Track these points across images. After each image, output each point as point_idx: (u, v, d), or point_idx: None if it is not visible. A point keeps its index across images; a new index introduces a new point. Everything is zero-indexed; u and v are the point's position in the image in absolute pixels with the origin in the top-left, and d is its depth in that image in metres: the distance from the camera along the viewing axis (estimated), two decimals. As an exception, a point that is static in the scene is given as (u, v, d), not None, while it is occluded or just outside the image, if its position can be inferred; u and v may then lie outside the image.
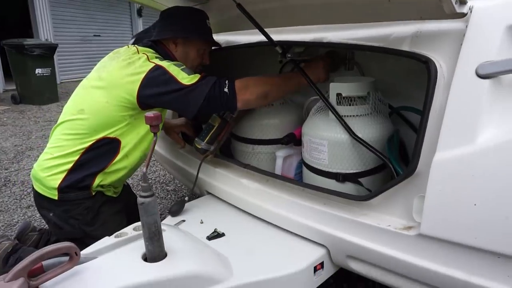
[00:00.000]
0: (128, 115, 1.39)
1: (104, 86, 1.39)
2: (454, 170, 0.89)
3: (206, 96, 1.30)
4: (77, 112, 1.41)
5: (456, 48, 0.94)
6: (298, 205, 1.25)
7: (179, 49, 1.52)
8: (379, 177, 1.29)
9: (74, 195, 1.41)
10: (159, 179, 2.91)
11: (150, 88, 1.33)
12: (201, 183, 1.62)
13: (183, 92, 1.32)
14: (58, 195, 1.40)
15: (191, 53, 1.53)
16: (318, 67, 1.47)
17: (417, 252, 0.99)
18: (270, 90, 1.38)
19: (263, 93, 1.36)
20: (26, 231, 1.67)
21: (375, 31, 1.15)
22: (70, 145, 1.40)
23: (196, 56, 1.55)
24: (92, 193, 1.44)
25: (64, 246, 0.89)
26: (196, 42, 1.52)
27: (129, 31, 11.10)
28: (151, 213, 0.94)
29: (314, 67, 1.46)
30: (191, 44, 1.52)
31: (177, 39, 1.50)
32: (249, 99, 1.34)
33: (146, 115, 0.97)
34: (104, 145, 1.40)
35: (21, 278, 0.81)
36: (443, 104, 0.93)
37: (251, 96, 1.34)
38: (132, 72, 1.35)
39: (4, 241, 1.46)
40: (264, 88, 1.36)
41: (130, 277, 0.92)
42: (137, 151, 1.48)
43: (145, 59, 1.38)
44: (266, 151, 1.60)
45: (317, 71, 1.45)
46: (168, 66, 1.35)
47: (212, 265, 1.05)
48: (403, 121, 1.49)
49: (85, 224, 1.43)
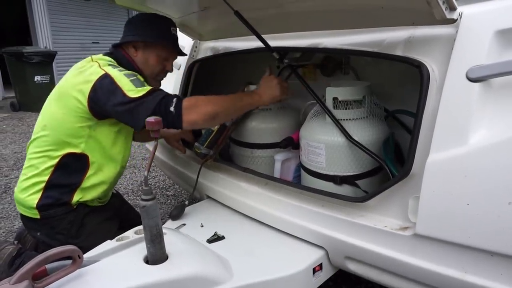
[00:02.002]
0: (87, 126, 1.37)
1: (58, 97, 1.40)
2: (447, 171, 0.92)
3: (151, 113, 1.25)
4: (40, 129, 1.41)
5: (447, 52, 0.97)
6: (297, 208, 1.27)
7: (139, 54, 1.47)
8: (376, 179, 1.32)
9: (53, 211, 1.40)
10: (159, 184, 2.92)
11: (98, 97, 1.31)
12: (201, 187, 1.64)
13: (127, 106, 1.27)
14: (39, 214, 1.39)
15: (151, 59, 1.48)
16: (271, 86, 1.45)
17: (413, 252, 1.01)
18: (219, 111, 1.33)
19: (211, 114, 1.30)
20: (25, 233, 1.68)
21: (369, 37, 1.18)
22: (39, 163, 1.39)
23: (156, 63, 1.49)
24: (74, 207, 1.43)
25: (67, 249, 0.91)
26: (157, 47, 1.48)
27: (127, 37, 11.14)
28: (153, 216, 0.97)
29: (265, 87, 1.45)
30: (151, 49, 1.47)
31: (137, 44, 1.46)
32: (195, 120, 1.29)
33: (147, 120, 0.98)
34: (72, 162, 1.39)
35: (25, 281, 0.83)
36: (436, 107, 0.96)
37: (198, 117, 1.28)
38: (82, 80, 1.34)
39: (8, 246, 1.48)
40: (213, 109, 1.31)
41: (132, 279, 0.93)
42: (111, 165, 1.47)
43: (96, 67, 1.35)
44: (264, 155, 1.62)
45: (268, 91, 1.44)
46: (117, 75, 1.31)
47: (212, 267, 1.07)
48: (398, 124, 1.52)
49: (71, 238, 1.42)
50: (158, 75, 1.53)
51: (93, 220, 1.48)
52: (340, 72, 1.72)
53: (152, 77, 1.51)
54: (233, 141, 1.72)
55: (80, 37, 9.44)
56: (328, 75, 1.75)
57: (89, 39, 9.73)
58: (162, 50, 1.49)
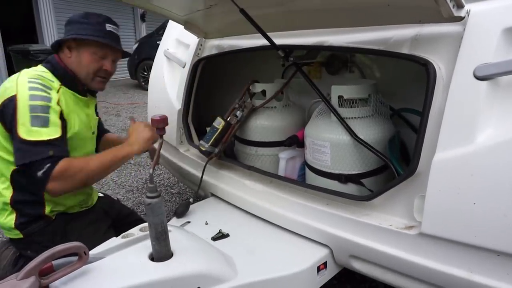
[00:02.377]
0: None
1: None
2: (453, 170, 0.91)
3: (24, 164, 1.21)
4: None
5: (454, 50, 0.96)
6: (301, 206, 1.27)
7: (73, 54, 1.39)
8: (381, 178, 1.31)
9: (32, 227, 1.37)
10: (164, 182, 2.93)
11: (4, 118, 1.26)
12: (206, 185, 1.65)
13: (15, 142, 1.23)
14: (21, 233, 1.37)
15: (85, 57, 1.39)
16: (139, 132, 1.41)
17: (418, 251, 1.01)
18: (91, 177, 1.33)
19: (80, 183, 1.30)
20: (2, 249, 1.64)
21: (375, 35, 1.17)
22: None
23: (91, 61, 1.39)
24: (53, 218, 1.40)
25: (73, 246, 0.91)
26: (91, 45, 1.38)
27: (133, 36, 11.20)
28: (158, 213, 0.97)
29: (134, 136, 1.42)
30: (85, 48, 1.38)
31: (70, 43, 1.39)
32: (59, 192, 1.27)
33: (152, 117, 1.00)
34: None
35: (32, 277, 0.84)
36: (442, 105, 0.95)
37: (64, 188, 1.26)
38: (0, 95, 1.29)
39: (11, 246, 1.48)
40: (82, 178, 1.29)
41: (138, 276, 0.94)
42: None
43: (14, 83, 1.28)
44: (269, 153, 1.62)
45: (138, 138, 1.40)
46: (21, 104, 1.22)
47: (217, 265, 1.07)
48: (404, 123, 1.51)
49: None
50: (96, 74, 1.42)
51: (75, 226, 1.44)
52: (345, 70, 1.72)
53: (90, 78, 1.42)
54: (237, 139, 1.72)
55: (86, 35, 9.48)
56: (334, 73, 1.74)
57: (95, 37, 9.77)
58: (97, 47, 1.39)
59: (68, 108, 1.36)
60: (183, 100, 1.80)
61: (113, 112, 5.85)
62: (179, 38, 1.99)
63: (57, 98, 1.31)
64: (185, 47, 1.90)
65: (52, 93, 1.31)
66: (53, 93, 1.31)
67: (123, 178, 3.03)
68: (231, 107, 1.61)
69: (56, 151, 1.24)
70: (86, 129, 1.47)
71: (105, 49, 1.41)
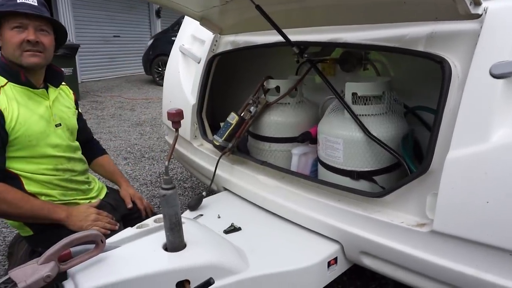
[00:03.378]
0: None
1: None
2: (467, 168, 0.91)
3: None
4: None
5: (471, 48, 0.95)
6: (313, 202, 1.28)
7: (2, 40, 1.36)
8: (393, 175, 1.31)
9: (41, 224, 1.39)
10: (177, 176, 2.97)
11: None
12: (219, 179, 1.67)
13: None
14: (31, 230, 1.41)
15: (7, 36, 1.33)
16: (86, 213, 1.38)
17: (429, 249, 1.01)
18: (10, 215, 1.34)
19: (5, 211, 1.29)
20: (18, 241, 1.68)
21: (390, 32, 1.17)
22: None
23: (11, 36, 1.32)
24: None
25: (91, 234, 0.95)
26: (6, 20, 1.33)
27: (148, 31, 11.31)
28: (172, 204, 0.99)
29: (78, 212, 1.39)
30: (4, 28, 1.33)
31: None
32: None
33: (168, 111, 1.02)
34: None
35: (52, 262, 0.87)
36: (457, 103, 0.95)
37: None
38: None
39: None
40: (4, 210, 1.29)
41: (152, 265, 0.97)
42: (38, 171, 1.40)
43: None
44: (282, 149, 1.63)
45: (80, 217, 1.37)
46: None
47: (229, 257, 1.09)
48: (418, 121, 1.50)
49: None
50: (22, 49, 1.34)
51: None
52: (359, 68, 1.71)
53: (19, 54, 1.34)
54: (251, 135, 1.74)
55: (102, 30, 9.63)
56: (348, 71, 1.74)
57: (111, 32, 9.91)
58: (12, 20, 1.32)
59: (18, 103, 1.34)
60: (198, 95, 1.83)
61: (127, 107, 5.94)
62: (195, 34, 2.01)
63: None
64: (201, 43, 1.92)
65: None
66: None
67: (137, 172, 3.08)
68: (245, 103, 1.63)
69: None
70: (46, 123, 1.42)
71: (20, 19, 1.32)
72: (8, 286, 0.83)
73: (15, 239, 1.62)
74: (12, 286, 0.82)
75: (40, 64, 1.39)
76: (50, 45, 1.41)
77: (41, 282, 0.84)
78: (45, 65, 1.44)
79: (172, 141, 1.08)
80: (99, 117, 5.22)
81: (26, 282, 0.82)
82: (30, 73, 1.39)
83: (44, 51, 1.38)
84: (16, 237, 1.63)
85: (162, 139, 4.06)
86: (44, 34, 1.38)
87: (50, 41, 1.41)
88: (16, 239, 1.60)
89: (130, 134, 4.33)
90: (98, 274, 0.92)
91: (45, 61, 1.41)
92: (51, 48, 1.42)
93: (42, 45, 1.36)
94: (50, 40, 1.41)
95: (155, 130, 4.50)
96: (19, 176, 1.35)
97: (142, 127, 4.67)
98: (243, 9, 1.46)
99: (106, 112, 5.56)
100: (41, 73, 1.45)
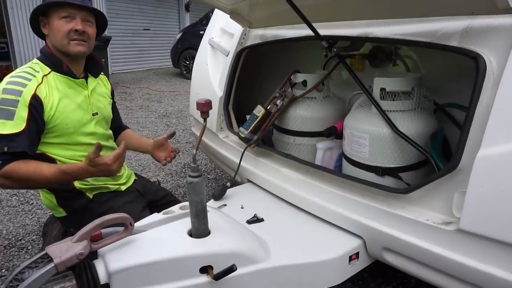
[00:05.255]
0: None
1: None
2: (498, 167, 0.89)
3: None
4: None
5: (508, 44, 0.92)
6: (337, 196, 1.28)
7: (48, 30, 1.41)
8: (420, 173, 1.29)
9: (74, 205, 1.47)
10: (202, 167, 3.03)
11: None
12: (243, 171, 1.69)
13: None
14: (64, 211, 1.49)
15: (55, 25, 1.38)
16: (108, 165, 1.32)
17: (455, 248, 0.99)
18: (38, 186, 1.40)
19: (28, 187, 1.39)
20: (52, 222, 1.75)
21: (422, 26, 1.14)
22: None
23: (60, 25, 1.38)
24: (90, 197, 1.49)
25: (121, 217, 0.99)
26: (55, 11, 1.38)
27: (177, 25, 11.47)
28: (198, 192, 1.02)
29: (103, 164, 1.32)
30: (52, 16, 1.38)
31: (43, 21, 1.42)
32: (10, 187, 1.35)
33: (197, 101, 1.04)
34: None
35: (85, 241, 0.92)
36: (491, 100, 0.92)
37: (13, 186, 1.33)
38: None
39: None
40: (32, 184, 1.34)
41: (177, 249, 1.00)
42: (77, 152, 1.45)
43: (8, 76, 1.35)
44: (307, 143, 1.64)
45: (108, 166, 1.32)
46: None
47: (251, 246, 1.11)
48: (448, 118, 1.47)
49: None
50: (70, 37, 1.39)
51: (113, 205, 1.50)
52: (389, 63, 1.69)
53: (66, 43, 1.39)
54: (276, 128, 1.75)
55: (133, 23, 9.84)
56: (377, 66, 1.72)
57: (141, 25, 10.11)
58: (61, 10, 1.37)
59: (58, 92, 1.39)
60: (225, 87, 1.85)
61: (155, 99, 6.07)
62: (224, 27, 2.03)
63: (34, 87, 1.33)
64: (229, 36, 1.94)
65: (31, 83, 1.33)
66: (32, 83, 1.33)
67: (163, 162, 3.16)
68: (272, 96, 1.64)
69: (11, 147, 1.27)
70: (83, 112, 1.47)
71: (69, 9, 1.38)
72: (44, 261, 0.88)
73: (49, 219, 1.71)
74: (48, 261, 0.87)
75: (85, 52, 1.45)
76: (94, 35, 1.48)
77: (74, 259, 0.88)
78: (87, 54, 1.50)
79: (199, 132, 1.11)
80: (128, 108, 5.36)
81: (61, 258, 0.87)
82: (72, 63, 1.46)
83: (88, 40, 1.44)
84: (50, 218, 1.71)
85: (188, 131, 4.13)
86: (89, 24, 1.44)
87: (94, 32, 1.47)
88: (51, 219, 1.69)
89: (157, 125, 4.42)
90: (126, 255, 0.96)
91: (89, 50, 1.47)
92: (94, 38, 1.48)
93: (87, 35, 1.43)
94: (94, 31, 1.47)
95: (181, 122, 4.58)
96: (56, 161, 1.42)
97: (169, 118, 4.77)
98: (273, 2, 1.47)
99: (135, 103, 5.70)
100: (82, 62, 1.51)
